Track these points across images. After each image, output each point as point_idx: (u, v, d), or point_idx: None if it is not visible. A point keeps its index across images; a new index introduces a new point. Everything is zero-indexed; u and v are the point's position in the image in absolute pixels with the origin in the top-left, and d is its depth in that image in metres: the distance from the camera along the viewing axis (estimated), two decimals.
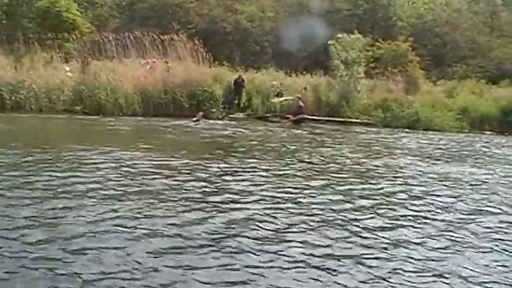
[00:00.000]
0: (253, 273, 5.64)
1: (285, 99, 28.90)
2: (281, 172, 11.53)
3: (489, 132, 29.14)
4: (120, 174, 10.15)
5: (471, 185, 11.62)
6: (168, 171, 10.70)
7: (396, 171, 12.98)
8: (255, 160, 13.03)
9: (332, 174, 11.64)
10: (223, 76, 29.64)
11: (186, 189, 9.19)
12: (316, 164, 13.34)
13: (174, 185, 9.41)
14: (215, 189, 9.39)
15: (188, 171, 10.86)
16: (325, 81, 31.40)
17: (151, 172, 10.51)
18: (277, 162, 13.12)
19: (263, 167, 11.91)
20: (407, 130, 26.68)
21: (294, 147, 16.97)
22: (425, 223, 8.10)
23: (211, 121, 24.25)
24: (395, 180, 11.56)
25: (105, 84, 24.80)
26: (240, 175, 10.83)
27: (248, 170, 11.49)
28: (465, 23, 55.63)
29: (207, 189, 9.30)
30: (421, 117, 28.35)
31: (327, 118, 28.05)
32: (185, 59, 27.59)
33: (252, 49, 47.23)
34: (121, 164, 11.21)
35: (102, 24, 42.41)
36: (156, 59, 27.46)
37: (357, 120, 28.34)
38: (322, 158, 14.34)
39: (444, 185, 11.32)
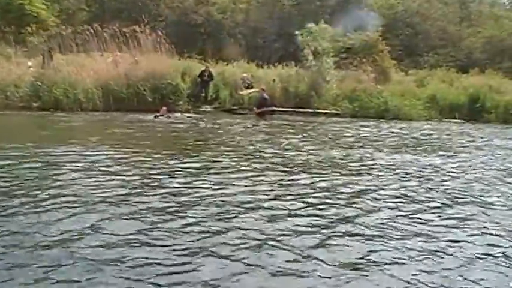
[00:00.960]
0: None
1: (254, 91, 28.25)
2: (241, 168, 10.82)
3: (458, 120, 28.75)
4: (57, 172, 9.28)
5: (420, 175, 11.03)
6: (115, 169, 9.82)
7: (353, 162, 12.39)
8: (212, 156, 12.23)
9: (288, 168, 11.00)
10: (192, 69, 28.89)
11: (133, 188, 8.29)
12: (277, 157, 12.70)
13: (124, 185, 8.47)
14: (167, 191, 8.36)
15: (138, 169, 10.01)
16: (295, 72, 30.72)
17: (98, 170, 9.62)
18: (236, 158, 12.45)
19: (222, 164, 11.08)
20: (373, 120, 26.10)
21: (253, 140, 16.30)
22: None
23: (178, 114, 23.46)
24: (352, 172, 10.96)
25: (64, 79, 23.83)
26: (196, 173, 9.98)
27: (206, 167, 10.59)
28: (435, 13, 55.70)
29: (155, 190, 8.35)
30: (390, 107, 27.85)
31: (295, 109, 27.54)
32: (148, 51, 26.66)
33: (224, 41, 46.53)
34: (56, 160, 10.38)
35: (70, 17, 41.38)
36: (119, 52, 26.51)
37: (325, 111, 27.73)
38: (283, 151, 13.71)
39: (397, 175, 10.77)
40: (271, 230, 6.40)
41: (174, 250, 5.54)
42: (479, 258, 5.81)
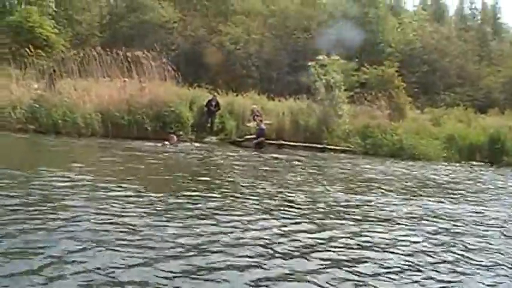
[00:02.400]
0: None
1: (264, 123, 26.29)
2: (244, 211, 9.03)
3: (480, 163, 26.36)
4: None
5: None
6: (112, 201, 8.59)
7: (363, 209, 10.42)
8: (215, 195, 10.41)
9: (287, 214, 9.13)
10: (201, 98, 27.10)
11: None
12: (280, 198, 10.80)
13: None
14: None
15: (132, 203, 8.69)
16: (306, 105, 28.77)
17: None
18: (230, 196, 10.56)
19: (228, 205, 9.47)
20: (387, 158, 23.91)
21: (252, 176, 14.44)
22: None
23: (181, 145, 21.69)
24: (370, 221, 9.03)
25: (63, 102, 22.40)
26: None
27: (208, 207, 9.01)
28: (455, 50, 53.91)
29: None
30: (405, 146, 25.60)
31: (303, 144, 25.49)
32: (153, 78, 24.97)
33: (237, 72, 45.10)
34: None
35: (82, 43, 40.08)
36: (123, 77, 24.77)
37: (336, 147, 25.64)
38: (288, 193, 11.79)
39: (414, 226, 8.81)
40: None
41: None
42: None
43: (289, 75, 44.16)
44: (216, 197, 10.12)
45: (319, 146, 25.53)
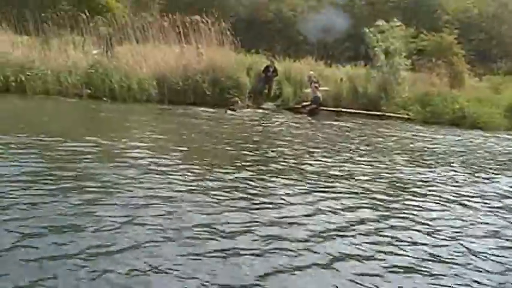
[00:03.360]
0: None
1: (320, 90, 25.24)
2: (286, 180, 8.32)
3: None
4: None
5: None
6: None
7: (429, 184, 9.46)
8: (277, 169, 9.70)
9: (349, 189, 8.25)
10: (258, 64, 26.37)
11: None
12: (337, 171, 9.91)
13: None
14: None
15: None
16: (365, 72, 27.57)
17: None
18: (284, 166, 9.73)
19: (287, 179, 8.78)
20: (449, 127, 22.60)
21: (317, 146, 13.55)
22: None
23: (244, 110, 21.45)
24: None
25: (119, 68, 21.70)
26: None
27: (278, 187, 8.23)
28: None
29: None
30: (467, 114, 24.15)
31: (362, 111, 24.35)
32: (210, 43, 23.96)
33: (294, 39, 44.03)
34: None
35: (141, 9, 39.36)
36: (181, 43, 23.91)
37: (394, 115, 24.40)
38: (351, 164, 10.89)
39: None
40: None
41: None
42: None
43: (346, 42, 42.84)
44: (275, 172, 9.34)
45: (377, 113, 24.37)
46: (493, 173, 11.28)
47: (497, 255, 5.77)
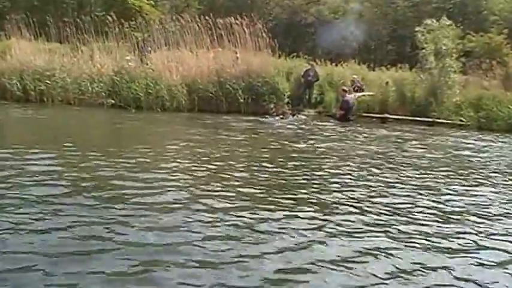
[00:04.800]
0: None
1: (363, 95, 22.83)
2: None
3: None
4: None
5: None
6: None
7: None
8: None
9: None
10: (298, 69, 24.25)
11: None
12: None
13: None
14: None
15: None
16: (412, 75, 24.70)
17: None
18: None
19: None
20: (505, 134, 19.62)
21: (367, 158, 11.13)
22: None
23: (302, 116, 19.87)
24: None
25: (147, 73, 19.61)
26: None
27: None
28: None
29: None
30: None
31: (410, 118, 21.67)
32: (245, 46, 21.41)
33: (336, 42, 41.55)
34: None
35: (179, 14, 37.55)
36: (214, 46, 21.47)
37: (446, 121, 21.58)
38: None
39: None
40: None
41: None
42: None
43: (389, 44, 40.19)
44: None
45: (427, 119, 21.60)
46: None
47: None
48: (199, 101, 19.60)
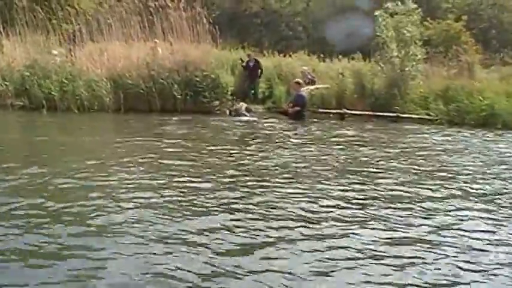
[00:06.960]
0: None
1: (316, 88, 20.12)
2: None
3: None
4: None
5: None
6: None
7: None
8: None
9: None
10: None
11: None
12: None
13: None
14: None
15: None
16: (368, 65, 22.05)
17: None
18: None
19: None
20: (479, 129, 17.10)
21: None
22: None
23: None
24: None
25: (63, 68, 16.29)
26: None
27: None
28: None
29: None
30: (497, 112, 18.53)
31: (371, 113, 18.98)
32: (182, 34, 18.19)
33: (283, 33, 39.09)
34: None
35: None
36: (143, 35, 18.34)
37: (412, 116, 18.90)
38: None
39: None
40: None
41: None
42: None
43: (339, 34, 37.86)
44: None
45: (390, 114, 18.87)
46: None
47: None
48: (128, 98, 16.43)
